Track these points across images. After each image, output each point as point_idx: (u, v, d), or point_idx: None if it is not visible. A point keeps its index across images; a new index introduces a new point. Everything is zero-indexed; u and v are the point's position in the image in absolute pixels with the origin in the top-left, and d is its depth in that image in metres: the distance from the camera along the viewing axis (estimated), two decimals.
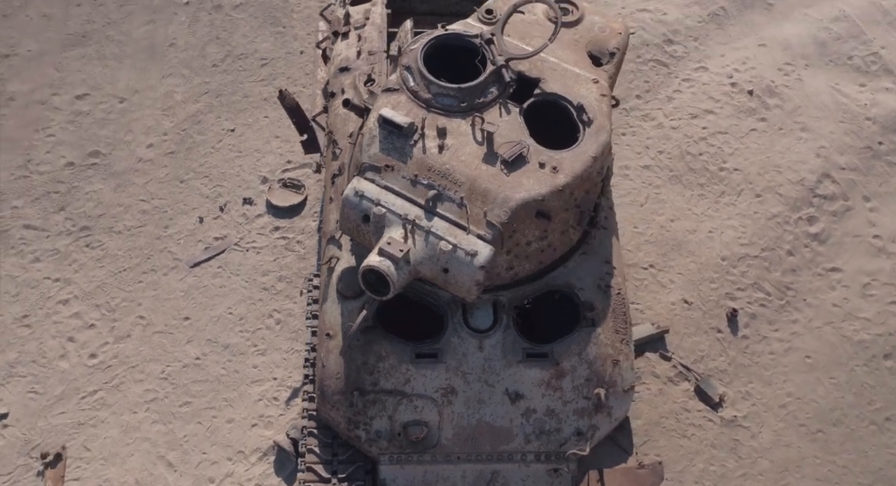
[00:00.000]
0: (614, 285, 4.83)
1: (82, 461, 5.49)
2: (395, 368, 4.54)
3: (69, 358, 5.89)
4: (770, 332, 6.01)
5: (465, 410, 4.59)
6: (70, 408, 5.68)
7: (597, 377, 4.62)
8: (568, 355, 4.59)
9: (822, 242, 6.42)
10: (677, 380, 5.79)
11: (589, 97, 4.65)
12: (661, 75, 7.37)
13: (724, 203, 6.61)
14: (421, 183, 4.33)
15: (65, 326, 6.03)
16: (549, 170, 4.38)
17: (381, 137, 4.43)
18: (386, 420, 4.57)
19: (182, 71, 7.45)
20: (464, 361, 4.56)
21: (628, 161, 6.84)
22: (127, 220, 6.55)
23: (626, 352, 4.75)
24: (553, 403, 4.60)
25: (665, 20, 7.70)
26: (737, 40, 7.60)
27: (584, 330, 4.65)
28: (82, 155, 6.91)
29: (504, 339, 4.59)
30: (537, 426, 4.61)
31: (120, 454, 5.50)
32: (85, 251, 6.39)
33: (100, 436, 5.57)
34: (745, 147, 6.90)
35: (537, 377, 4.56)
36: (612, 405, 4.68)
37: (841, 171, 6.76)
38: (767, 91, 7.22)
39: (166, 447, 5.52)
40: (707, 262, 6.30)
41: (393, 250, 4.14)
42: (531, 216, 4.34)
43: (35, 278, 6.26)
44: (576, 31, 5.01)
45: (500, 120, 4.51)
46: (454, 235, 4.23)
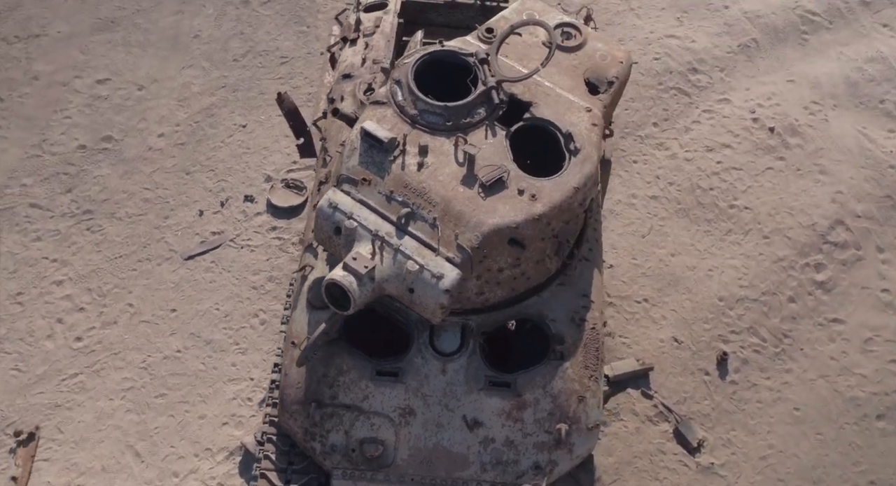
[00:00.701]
0: (589, 320, 4.71)
1: (54, 442, 5.55)
2: (355, 383, 4.49)
3: (55, 339, 5.97)
4: (760, 379, 5.82)
5: (423, 432, 4.51)
6: (49, 389, 5.76)
7: (560, 412, 4.51)
8: (532, 387, 4.49)
9: (827, 291, 6.20)
10: (657, 420, 5.64)
11: (579, 126, 4.54)
12: (682, 104, 7.20)
13: (729, 242, 6.43)
14: (396, 200, 4.28)
15: (55, 306, 6.12)
16: (528, 197, 4.28)
17: (362, 150, 4.38)
18: (342, 435, 4.52)
19: (202, 63, 7.52)
20: (425, 382, 4.49)
21: (636, 190, 6.69)
22: (129, 207, 6.62)
23: (594, 389, 4.62)
24: (513, 434, 4.50)
25: (692, 48, 7.53)
26: (765, 74, 7.39)
27: (551, 363, 4.53)
28: (95, 139, 7.00)
29: (468, 364, 4.51)
30: (495, 455, 4.51)
31: (91, 440, 5.56)
32: (85, 235, 6.48)
33: (74, 419, 5.64)
34: (758, 185, 6.70)
35: (498, 407, 4.47)
36: (575, 441, 4.56)
37: (856, 218, 6.52)
38: (790, 129, 7.00)
39: (136, 437, 5.56)
40: (703, 301, 6.13)
41: (358, 265, 4.09)
42: (504, 243, 4.25)
43: (34, 256, 6.36)
44: (576, 56, 4.90)
45: (485, 142, 4.43)
46: (422, 256, 4.16)
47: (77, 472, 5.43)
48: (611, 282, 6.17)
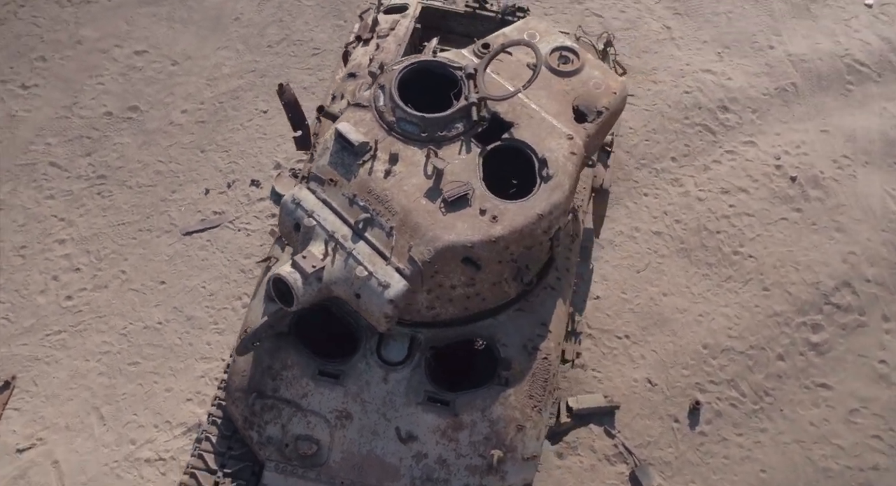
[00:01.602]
0: (543, 350, 4.63)
1: (27, 394, 5.75)
2: (297, 379, 4.52)
3: (47, 295, 6.18)
4: (732, 435, 5.63)
5: (358, 438, 4.51)
6: (32, 342, 5.96)
7: (497, 438, 4.45)
8: (470, 409, 4.44)
9: (820, 353, 5.96)
10: (614, 460, 5.51)
11: (557, 152, 4.47)
12: (705, 142, 7.01)
13: (726, 289, 6.23)
14: (357, 204, 4.28)
15: (54, 264, 6.33)
16: (489, 218, 4.24)
17: (333, 151, 4.40)
18: (279, 428, 4.55)
19: (237, 46, 7.66)
20: (365, 389, 4.49)
21: (641, 223, 6.55)
22: (141, 177, 6.80)
23: (536, 420, 4.54)
24: (446, 453, 4.46)
25: (727, 85, 7.32)
26: (799, 121, 7.13)
27: (494, 388, 4.48)
28: (122, 108, 7.21)
29: (411, 377, 4.49)
30: (426, 471, 4.48)
31: (61, 397, 5.73)
32: (95, 198, 6.68)
33: (50, 375, 5.82)
34: (768, 235, 6.48)
35: (433, 424, 4.44)
36: (508, 470, 4.49)
37: (865, 283, 6.24)
38: (812, 181, 6.74)
39: (103, 400, 5.71)
40: (686, 346, 5.96)
41: (306, 264, 4.11)
42: (457, 261, 4.21)
43: (44, 213, 6.59)
44: (569, 81, 4.81)
45: (458, 158, 4.40)
46: (373, 263, 4.16)
47: (42, 425, 5.60)
48: (594, 313, 6.05)
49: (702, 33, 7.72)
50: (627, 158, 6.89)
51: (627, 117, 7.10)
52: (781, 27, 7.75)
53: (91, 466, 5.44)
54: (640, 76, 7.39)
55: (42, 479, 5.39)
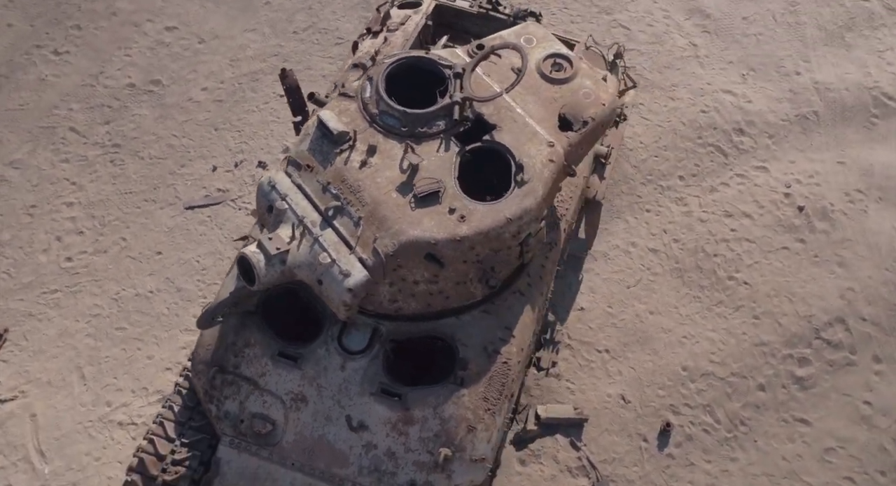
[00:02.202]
0: (504, 354, 4.62)
1: (16, 347, 5.95)
2: (258, 358, 4.60)
3: (49, 254, 6.38)
4: (700, 460, 5.55)
5: (312, 421, 4.57)
6: (29, 298, 6.16)
7: (446, 437, 4.46)
8: (422, 405, 4.46)
9: (804, 388, 5.83)
10: (576, 473, 5.48)
11: (535, 158, 4.46)
12: (716, 163, 6.91)
13: (715, 313, 6.14)
14: (330, 191, 4.34)
15: (59, 225, 6.53)
16: (457, 217, 4.26)
17: (314, 138, 4.47)
18: (237, 404, 4.64)
19: (265, 29, 7.79)
20: (322, 374, 4.55)
21: (638, 239, 6.48)
22: (154, 149, 6.97)
23: (489, 423, 4.54)
24: (396, 446, 4.49)
25: (746, 108, 7.20)
26: (816, 151, 6.99)
27: (448, 386, 4.49)
28: (145, 81, 7.40)
29: (368, 367, 4.53)
30: (374, 462, 4.52)
31: (48, 353, 5.92)
32: (107, 166, 6.87)
33: (40, 331, 6.02)
34: (766, 263, 6.36)
35: (384, 416, 4.47)
36: (455, 469, 4.50)
37: (860, 321, 6.09)
38: (821, 213, 6.60)
39: (87, 361, 5.88)
40: (666, 366, 5.89)
41: (270, 246, 4.18)
42: (420, 257, 4.24)
43: (57, 175, 6.81)
44: (559, 89, 4.79)
45: (435, 155, 4.42)
46: (337, 251, 4.21)
47: (26, 379, 5.79)
48: (576, 324, 6.02)
49: (728, 53, 7.60)
50: (634, 173, 6.83)
51: (639, 132, 7.04)
52: (811, 54, 7.59)
53: (66, 423, 5.61)
54: (659, 92, 7.31)
55: (18, 430, 5.57)
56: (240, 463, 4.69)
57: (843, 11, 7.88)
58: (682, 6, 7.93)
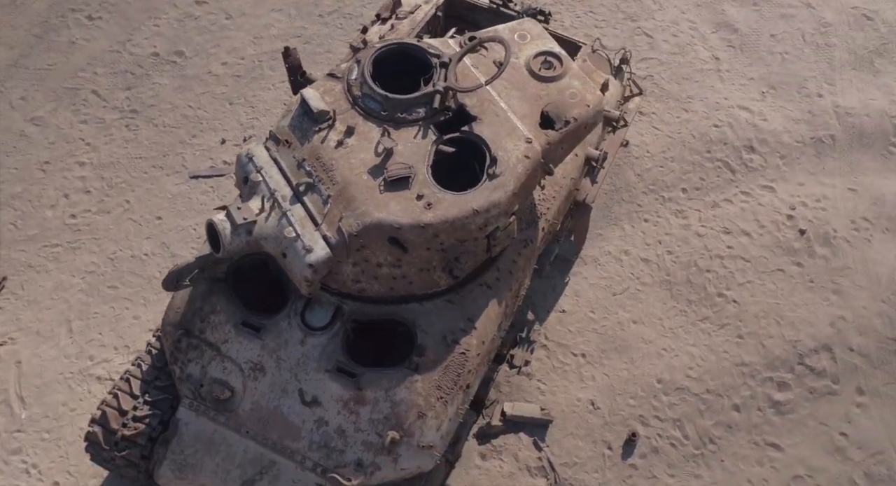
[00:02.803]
0: (463, 344, 4.65)
1: (13, 296, 6.17)
2: (222, 325, 4.70)
3: (56, 210, 6.60)
4: (663, 474, 5.50)
5: (269, 392, 4.66)
6: (31, 250, 6.38)
7: (396, 420, 4.51)
8: (375, 387, 4.51)
9: (780, 413, 5.73)
10: (535, 473, 5.48)
11: (511, 153, 4.48)
12: (722, 179, 6.82)
13: (699, 329, 6.07)
14: (304, 168, 4.42)
15: (69, 183, 6.75)
16: (424, 204, 4.29)
17: (295, 114, 4.55)
18: (199, 368, 4.75)
19: (291, 10, 7.92)
20: (283, 347, 4.63)
21: (632, 248, 6.43)
22: (168, 118, 7.15)
23: (440, 412, 4.57)
24: (346, 424, 4.55)
25: (760, 126, 7.08)
26: (828, 175, 6.84)
27: (402, 371, 4.53)
28: (169, 51, 7.58)
29: (327, 344, 4.60)
30: (324, 438, 4.59)
31: (41, 304, 6.12)
32: (122, 130, 7.07)
33: (37, 283, 6.22)
34: (759, 283, 6.26)
35: (337, 393, 4.53)
36: (402, 454, 4.54)
37: (848, 351, 5.95)
38: (822, 238, 6.46)
39: (76, 315, 6.07)
40: (641, 376, 5.84)
41: (238, 215, 4.28)
42: (384, 240, 4.29)
43: (74, 135, 7.03)
44: (546, 87, 4.79)
45: (411, 141, 4.47)
46: (303, 226, 4.29)
47: (17, 327, 6.01)
48: (556, 326, 6.01)
49: (751, 70, 7.49)
50: (636, 181, 6.78)
51: (648, 141, 6.99)
52: (837, 77, 7.43)
53: (49, 372, 5.80)
54: (673, 102, 7.24)
55: (2, 375, 5.79)
56: (197, 426, 4.80)
57: (876, 36, 7.70)
58: (711, 19, 7.83)
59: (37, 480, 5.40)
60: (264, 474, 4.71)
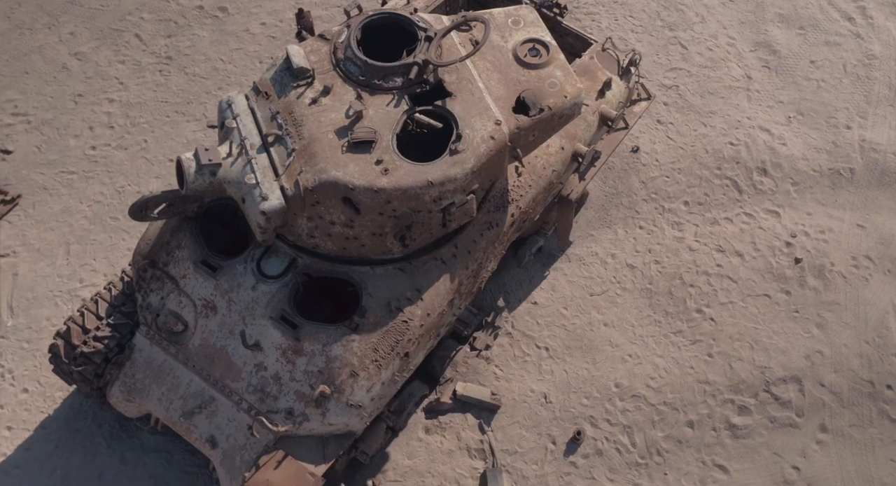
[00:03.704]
0: (407, 313, 4.75)
1: (23, 213, 6.55)
2: (183, 261, 4.91)
3: (79, 140, 6.96)
4: (603, 477, 5.49)
5: (217, 331, 4.85)
6: (48, 173, 6.75)
7: (328, 375, 4.64)
8: (314, 340, 4.65)
9: (735, 436, 5.64)
10: (475, 454, 5.54)
11: (477, 132, 4.54)
12: (727, 198, 6.71)
13: (670, 341, 6.01)
14: (276, 120, 4.58)
15: (96, 116, 7.10)
16: (381, 169, 4.40)
17: (278, 69, 4.71)
18: (159, 299, 4.98)
19: None
20: (236, 290, 4.81)
21: (619, 252, 6.40)
22: (199, 68, 7.43)
23: (373, 374, 4.68)
24: (283, 372, 4.71)
25: (778, 150, 6.93)
26: (839, 208, 6.65)
27: (342, 328, 4.66)
28: (213, 6, 7.87)
29: (276, 293, 4.75)
30: (262, 382, 4.75)
31: (46, 225, 6.48)
32: (154, 74, 7.39)
33: (47, 204, 6.58)
34: (741, 306, 6.15)
35: (277, 341, 4.69)
36: (330, 408, 4.68)
37: (819, 386, 5.81)
38: (817, 270, 6.30)
39: (76, 239, 6.40)
40: (599, 378, 5.83)
41: (204, 156, 4.47)
42: (338, 199, 4.42)
43: (109, 73, 7.38)
44: (527, 73, 4.83)
45: (383, 108, 4.58)
46: (264, 175, 4.45)
47: (20, 242, 6.37)
48: (524, 317, 6.04)
49: (782, 93, 7.33)
50: (639, 188, 6.73)
51: (658, 150, 6.93)
52: (871, 111, 7.21)
53: (40, 288, 6.15)
54: (693, 115, 7.15)
55: None
56: (150, 354, 5.04)
57: None
58: (752, 37, 7.68)
59: (9, 384, 5.74)
60: (203, 408, 4.91)
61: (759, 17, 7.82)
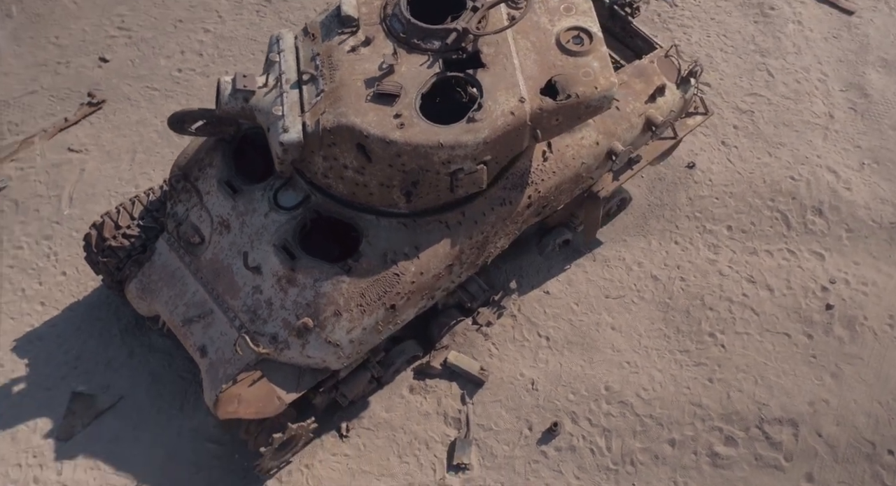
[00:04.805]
0: (400, 267, 4.90)
1: (104, 117, 7.09)
2: (210, 178, 5.23)
3: (169, 61, 7.46)
4: (570, 473, 5.50)
5: (227, 249, 5.15)
6: (135, 86, 7.28)
7: (314, 310, 4.86)
8: (307, 274, 4.87)
9: (714, 465, 5.53)
10: (450, 422, 5.65)
11: (499, 105, 4.63)
12: (773, 231, 6.52)
13: (674, 359, 5.92)
14: (315, 61, 4.81)
15: (189, 43, 7.57)
16: (397, 123, 4.56)
17: (329, 14, 4.94)
18: (184, 210, 5.33)
19: None
20: (250, 214, 5.08)
21: (647, 262, 6.34)
22: (293, 15, 7.79)
23: (356, 317, 4.86)
24: (275, 298, 4.96)
25: (840, 193, 6.67)
26: (891, 265, 6.34)
27: (335, 268, 4.86)
28: None
29: (284, 223, 5.00)
30: (255, 304, 5.02)
31: (121, 131, 7.00)
32: (252, 14, 7.81)
33: (126, 113, 7.11)
34: (757, 339, 5.99)
35: (275, 268, 4.94)
36: (310, 341, 4.90)
37: (815, 435, 5.60)
38: (847, 320, 6.06)
39: (143, 149, 6.89)
40: (591, 378, 5.82)
41: (241, 81, 4.75)
42: (353, 144, 4.61)
43: (211, 5, 7.84)
44: (565, 59, 4.85)
45: (416, 67, 4.74)
46: (290, 109, 4.69)
47: (94, 142, 6.91)
48: (533, 304, 6.09)
49: (862, 138, 7.03)
50: (685, 204, 6.63)
51: (715, 170, 6.80)
52: None
53: (101, 186, 6.65)
54: (761, 143, 6.96)
55: (67, 175, 6.70)
56: (167, 259, 5.40)
57: None
58: (846, 77, 7.39)
59: (52, 265, 6.26)
60: (202, 318, 5.22)
61: (860, 59, 7.51)
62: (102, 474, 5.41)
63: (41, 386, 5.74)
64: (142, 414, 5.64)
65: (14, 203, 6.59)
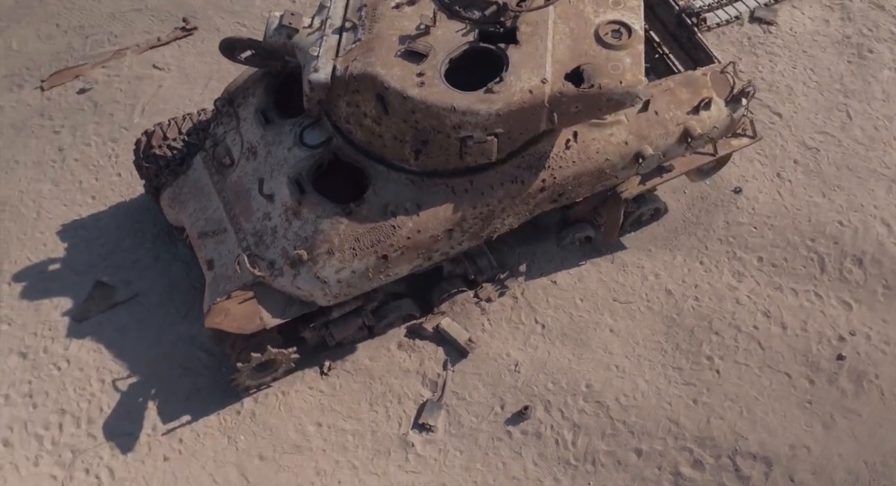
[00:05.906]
0: (399, 221, 5.08)
1: (191, 43, 7.62)
2: (249, 107, 5.56)
3: (264, 2, 7.87)
4: (528, 459, 5.55)
5: (251, 173, 5.47)
6: (227, 19, 7.81)
7: (310, 244, 5.10)
8: (311, 209, 5.12)
9: (675, 484, 5.46)
10: (427, 383, 5.80)
11: (520, 82, 4.73)
12: (806, 271, 6.31)
13: (665, 374, 5.86)
14: (361, 12, 5.04)
15: None
16: (418, 81, 4.74)
17: None
18: (222, 132, 5.69)
19: None
20: (276, 145, 5.38)
21: (666, 276, 6.27)
22: None
23: (347, 260, 5.08)
24: (280, 228, 5.24)
25: (887, 248, 6.36)
26: None
27: (337, 208, 5.09)
28: None
29: (303, 159, 5.26)
30: (262, 230, 5.32)
31: (204, 57, 7.51)
32: None
33: (212, 43, 7.48)
34: (755, 373, 5.84)
35: (285, 199, 5.21)
36: (300, 273, 5.15)
37: (787, 479, 5.42)
38: (856, 374, 5.82)
39: (218, 77, 7.33)
40: (575, 373, 5.84)
41: (287, 19, 5.05)
42: (373, 94, 4.81)
43: None
44: (599, 50, 4.88)
45: (452, 33, 4.89)
46: (327, 51, 4.94)
47: (177, 63, 7.44)
48: (537, 291, 6.14)
49: None
50: (720, 227, 6.51)
51: (762, 200, 6.63)
52: None
53: (172, 103, 7.20)
54: (818, 182, 6.73)
55: (145, 88, 7.27)
56: (199, 175, 5.78)
57: None
58: None
59: (111, 165, 6.80)
60: (217, 234, 5.57)
61: None
62: (102, 358, 5.86)
63: (73, 269, 6.25)
64: (151, 313, 6.06)
65: (94, 104, 7.16)
